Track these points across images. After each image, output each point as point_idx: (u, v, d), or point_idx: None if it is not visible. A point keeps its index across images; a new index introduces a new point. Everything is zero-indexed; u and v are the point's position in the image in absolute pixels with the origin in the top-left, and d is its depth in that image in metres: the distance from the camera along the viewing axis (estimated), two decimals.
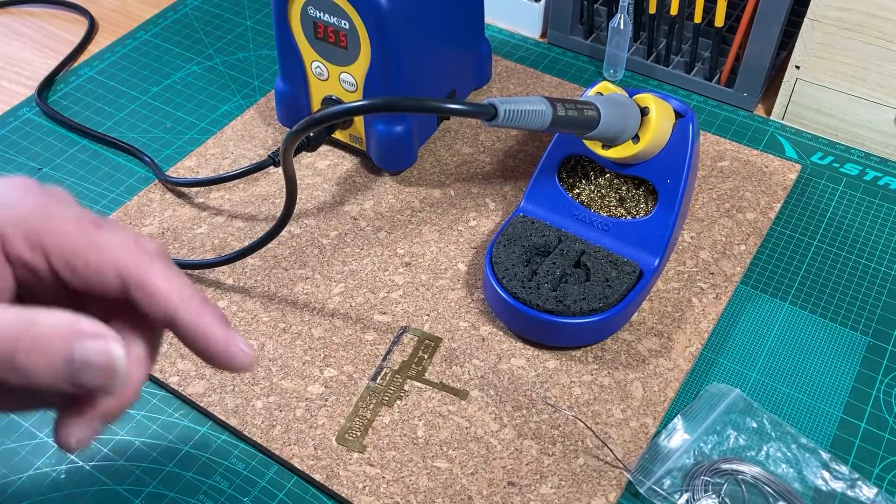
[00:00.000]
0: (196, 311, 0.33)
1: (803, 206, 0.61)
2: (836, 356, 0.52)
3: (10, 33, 0.79)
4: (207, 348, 0.34)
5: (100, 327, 0.31)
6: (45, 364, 0.30)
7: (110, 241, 0.33)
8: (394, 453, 0.46)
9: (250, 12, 0.80)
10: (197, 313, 0.33)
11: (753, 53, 0.66)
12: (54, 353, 0.30)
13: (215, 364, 0.34)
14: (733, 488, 0.45)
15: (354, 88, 0.59)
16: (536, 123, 0.46)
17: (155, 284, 0.33)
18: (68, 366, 0.30)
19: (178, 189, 0.62)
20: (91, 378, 0.31)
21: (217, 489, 0.46)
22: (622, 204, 0.55)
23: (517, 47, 0.75)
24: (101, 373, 0.31)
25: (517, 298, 0.50)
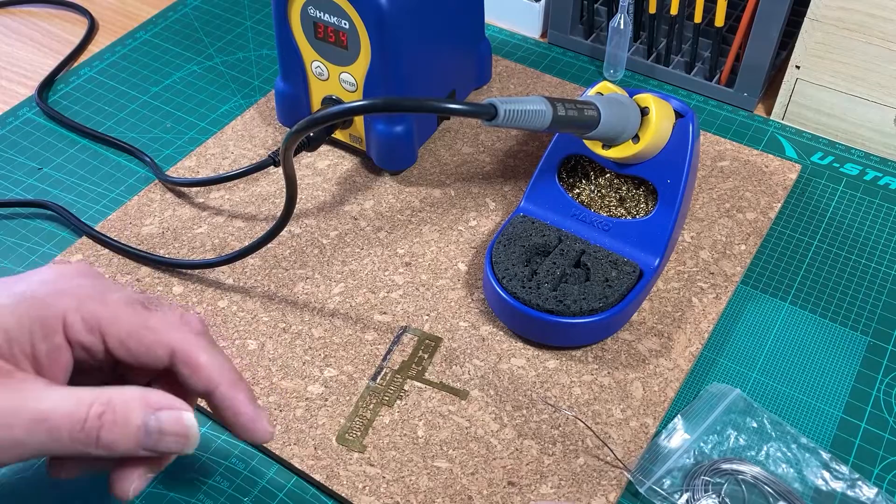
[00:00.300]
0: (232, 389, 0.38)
1: (803, 206, 0.61)
2: (836, 356, 0.52)
3: (10, 33, 0.79)
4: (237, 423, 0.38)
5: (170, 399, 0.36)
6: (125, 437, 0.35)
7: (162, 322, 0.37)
8: (394, 453, 0.46)
9: (250, 12, 0.80)
10: (233, 391, 0.38)
11: (753, 53, 0.66)
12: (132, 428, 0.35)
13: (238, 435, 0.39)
14: (733, 488, 0.45)
15: (354, 88, 0.59)
16: (536, 123, 0.46)
17: (200, 362, 0.37)
18: (146, 437, 0.35)
19: (178, 189, 0.62)
20: (167, 445, 0.36)
21: (217, 489, 0.46)
22: (622, 204, 0.55)
23: (517, 47, 0.75)
24: (177, 439, 0.36)
25: (517, 298, 0.50)
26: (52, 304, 0.36)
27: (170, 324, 0.37)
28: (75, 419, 0.34)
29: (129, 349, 0.37)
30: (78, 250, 0.58)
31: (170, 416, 0.36)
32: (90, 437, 0.34)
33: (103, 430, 0.34)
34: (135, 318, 0.37)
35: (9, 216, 0.61)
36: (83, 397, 0.35)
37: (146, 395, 0.36)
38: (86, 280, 0.37)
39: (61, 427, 0.34)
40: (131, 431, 0.35)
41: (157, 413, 0.36)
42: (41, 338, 0.35)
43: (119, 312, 0.36)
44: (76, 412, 0.34)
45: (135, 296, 0.38)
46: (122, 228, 0.59)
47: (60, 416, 0.34)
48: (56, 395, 0.35)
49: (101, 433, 0.34)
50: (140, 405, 0.35)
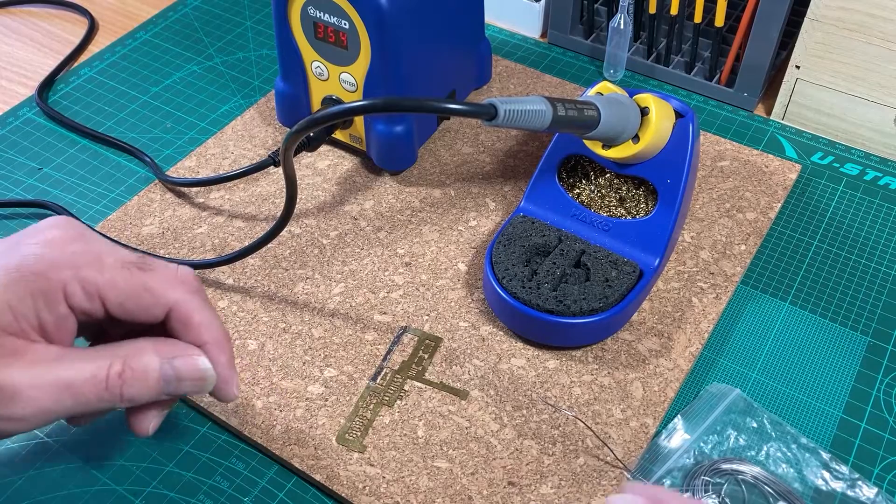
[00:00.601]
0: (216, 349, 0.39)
1: (803, 206, 0.61)
2: (836, 356, 0.52)
3: (10, 33, 0.79)
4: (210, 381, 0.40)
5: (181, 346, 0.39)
6: (146, 389, 0.38)
7: (159, 283, 0.38)
8: (394, 453, 0.46)
9: (250, 12, 0.80)
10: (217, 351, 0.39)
11: (753, 53, 0.66)
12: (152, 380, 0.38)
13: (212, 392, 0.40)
14: (733, 488, 0.45)
15: (354, 88, 0.59)
16: (536, 123, 0.46)
17: (193, 321, 0.39)
18: (166, 385, 0.38)
19: (178, 189, 0.62)
20: (186, 388, 0.39)
21: (217, 489, 0.46)
22: (622, 204, 0.55)
23: (517, 47, 0.75)
24: (195, 382, 0.39)
25: (517, 298, 0.50)
26: (52, 276, 0.36)
27: (167, 283, 0.38)
28: (98, 381, 0.36)
29: (127, 310, 0.38)
30: None
31: (185, 362, 0.38)
32: (114, 395, 0.37)
33: (125, 387, 0.37)
34: (132, 281, 0.38)
35: (9, 216, 0.61)
36: (101, 359, 0.37)
37: (158, 346, 0.38)
38: (78, 245, 0.38)
39: (86, 391, 0.36)
40: (151, 383, 0.38)
41: (171, 361, 0.38)
42: (46, 310, 0.36)
43: (116, 276, 0.37)
44: (97, 374, 0.36)
45: (129, 256, 0.39)
46: (122, 228, 0.59)
47: (84, 381, 0.36)
48: (75, 361, 0.36)
49: (124, 389, 0.37)
50: (155, 357, 0.38)
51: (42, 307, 0.36)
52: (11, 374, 0.35)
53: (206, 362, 0.39)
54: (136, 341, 0.38)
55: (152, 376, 0.38)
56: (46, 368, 0.36)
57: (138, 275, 0.38)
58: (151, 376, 0.38)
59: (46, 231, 0.38)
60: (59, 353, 0.37)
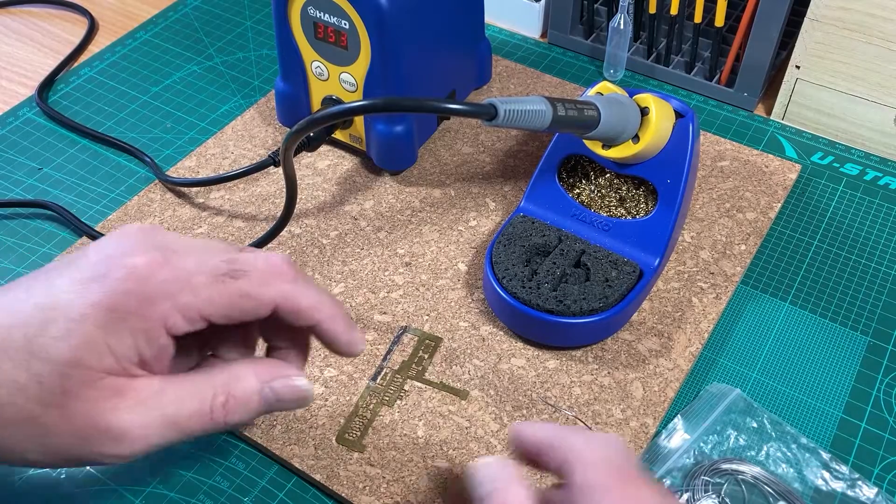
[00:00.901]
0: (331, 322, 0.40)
1: (803, 206, 0.61)
2: (836, 356, 0.52)
3: (10, 33, 0.79)
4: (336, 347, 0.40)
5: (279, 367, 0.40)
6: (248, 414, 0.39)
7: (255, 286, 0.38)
8: (394, 453, 0.46)
9: (250, 12, 0.80)
10: (332, 323, 0.40)
11: (753, 53, 0.66)
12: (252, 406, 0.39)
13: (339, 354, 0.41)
14: (733, 488, 0.45)
15: (354, 88, 0.59)
16: (536, 123, 0.46)
17: (301, 308, 0.39)
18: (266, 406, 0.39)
19: (178, 189, 0.62)
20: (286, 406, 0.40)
21: (217, 489, 0.46)
22: (622, 204, 0.55)
23: (517, 47, 0.75)
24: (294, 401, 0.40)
25: (517, 298, 0.50)
26: (150, 313, 0.36)
27: (263, 284, 0.38)
28: (203, 414, 0.37)
29: (231, 318, 0.38)
30: (78, 250, 0.58)
31: (283, 384, 0.39)
32: (218, 424, 0.38)
33: (228, 415, 0.38)
34: (228, 292, 0.37)
35: (9, 216, 0.61)
36: (203, 391, 0.37)
37: (257, 369, 0.39)
38: (167, 271, 0.37)
39: (191, 424, 0.37)
40: (253, 407, 0.39)
41: (271, 385, 0.39)
42: (146, 346, 0.36)
43: (212, 293, 0.37)
44: (201, 409, 0.37)
45: (218, 266, 0.38)
46: None
47: (189, 416, 0.37)
48: (176, 394, 0.37)
49: (227, 418, 0.38)
50: (255, 383, 0.38)
51: (143, 344, 0.36)
52: (119, 417, 0.36)
53: (304, 381, 0.40)
54: (233, 366, 0.39)
55: (253, 400, 0.38)
56: (151, 406, 0.36)
57: (232, 285, 0.37)
58: (253, 400, 0.38)
59: (129, 259, 0.37)
60: (161, 386, 0.37)
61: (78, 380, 0.35)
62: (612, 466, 0.35)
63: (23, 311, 0.36)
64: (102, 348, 0.35)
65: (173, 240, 0.39)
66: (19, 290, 0.37)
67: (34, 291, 0.37)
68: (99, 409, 0.36)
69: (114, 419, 0.36)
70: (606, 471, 0.35)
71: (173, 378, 0.38)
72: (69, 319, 0.35)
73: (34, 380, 0.35)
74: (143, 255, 0.37)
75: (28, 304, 0.36)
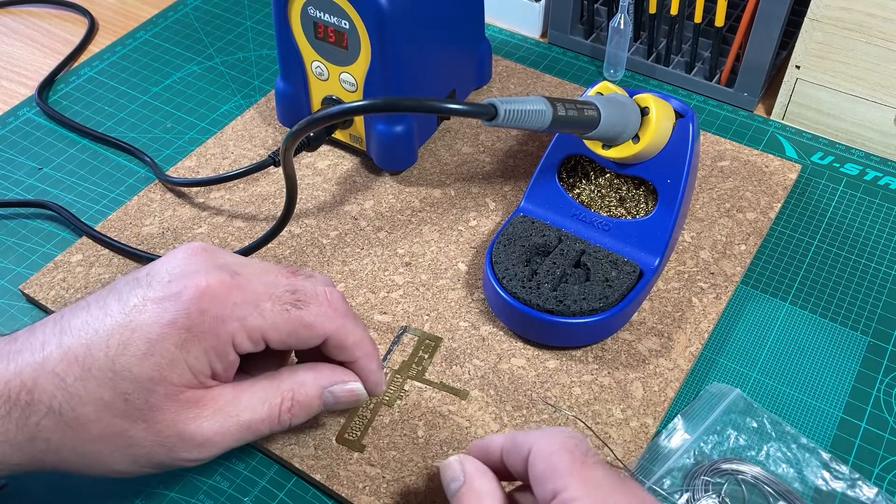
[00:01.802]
0: (368, 360, 0.44)
1: (803, 206, 0.61)
2: (836, 356, 0.52)
3: (10, 33, 0.79)
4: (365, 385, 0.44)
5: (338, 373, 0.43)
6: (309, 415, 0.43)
7: (315, 318, 0.41)
8: (394, 453, 0.46)
9: (250, 12, 0.80)
10: (368, 361, 0.44)
11: (753, 53, 0.66)
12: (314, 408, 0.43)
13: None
14: (733, 488, 0.45)
15: (354, 88, 0.59)
16: (536, 123, 0.46)
17: (347, 345, 0.43)
18: (325, 407, 0.43)
19: (178, 189, 0.62)
20: (342, 406, 0.44)
21: (217, 489, 0.46)
22: (622, 204, 0.55)
23: (517, 47, 0.75)
24: (350, 402, 0.44)
25: (517, 298, 0.50)
26: (221, 333, 0.39)
27: (322, 317, 0.41)
28: (272, 418, 0.41)
29: (288, 344, 0.41)
30: (78, 250, 0.58)
31: (342, 388, 0.43)
32: (283, 425, 0.42)
33: (294, 418, 0.42)
34: (291, 320, 0.41)
35: (9, 216, 0.61)
36: (272, 397, 0.41)
37: (318, 376, 0.43)
38: (237, 294, 0.40)
39: (262, 427, 0.41)
40: (314, 409, 0.43)
41: (331, 389, 0.43)
42: (218, 361, 0.40)
43: (277, 319, 0.40)
44: (271, 414, 0.41)
45: (284, 296, 0.41)
46: (122, 228, 0.59)
47: (260, 421, 0.41)
48: (249, 401, 0.41)
49: (292, 420, 0.42)
50: (317, 389, 0.43)
51: (215, 359, 0.39)
52: (200, 426, 0.39)
53: (359, 386, 0.44)
54: (297, 372, 0.43)
55: (315, 404, 0.43)
56: (228, 414, 0.40)
57: (296, 314, 0.41)
58: (314, 404, 0.43)
59: (201, 280, 0.39)
60: (234, 394, 0.41)
61: (162, 395, 0.39)
62: (571, 453, 0.37)
63: (102, 330, 0.39)
64: (181, 365, 0.39)
65: (234, 261, 0.42)
66: (93, 309, 0.40)
67: (110, 310, 0.39)
68: (182, 419, 0.39)
69: (196, 428, 0.39)
70: (567, 457, 0.36)
71: (243, 385, 0.42)
72: (149, 339, 0.38)
73: (120, 397, 0.38)
74: (212, 275, 0.40)
75: (107, 324, 0.39)
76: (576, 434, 0.39)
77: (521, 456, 0.38)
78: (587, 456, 0.37)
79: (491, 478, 0.39)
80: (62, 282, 0.55)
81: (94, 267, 0.56)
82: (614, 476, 0.37)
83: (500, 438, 0.40)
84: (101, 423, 0.38)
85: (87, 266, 0.56)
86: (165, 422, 0.39)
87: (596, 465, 0.37)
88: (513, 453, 0.39)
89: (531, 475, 0.37)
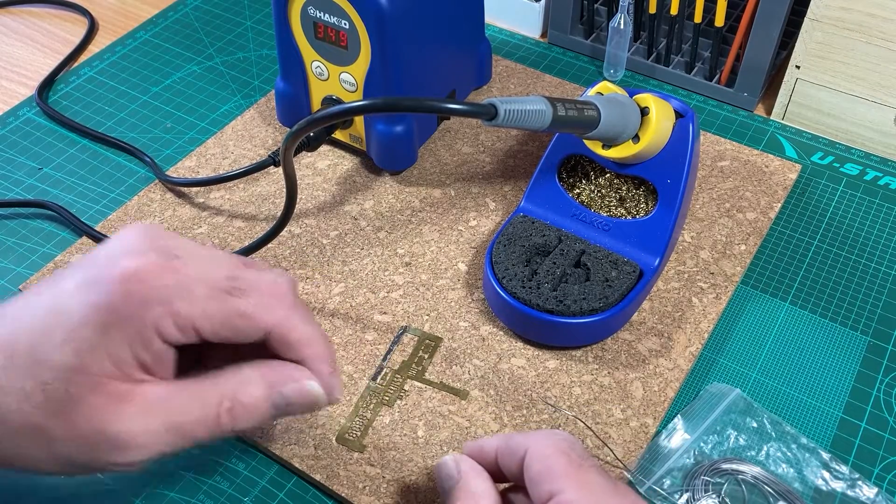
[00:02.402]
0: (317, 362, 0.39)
1: (803, 206, 0.61)
2: (836, 356, 0.52)
3: (10, 33, 0.79)
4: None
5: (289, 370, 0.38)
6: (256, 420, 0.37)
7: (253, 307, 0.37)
8: (394, 453, 0.46)
9: (250, 12, 0.80)
10: (318, 363, 0.39)
11: (753, 53, 0.66)
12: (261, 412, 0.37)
13: None
14: (733, 488, 0.45)
15: (354, 88, 0.59)
16: (537, 123, 0.46)
17: (291, 340, 0.38)
18: (276, 411, 0.38)
19: (178, 189, 0.62)
20: (297, 410, 0.39)
21: (217, 489, 0.46)
22: (622, 204, 0.55)
23: (517, 47, 0.75)
24: (305, 405, 0.38)
25: (517, 298, 0.50)
26: (143, 316, 0.35)
27: (262, 307, 0.37)
28: (208, 420, 0.36)
29: (223, 337, 0.37)
30: (78, 250, 0.58)
31: (294, 388, 0.38)
32: (225, 430, 0.37)
33: (236, 422, 0.37)
34: (226, 309, 0.36)
35: (9, 216, 0.61)
36: (208, 397, 0.36)
37: (265, 373, 0.38)
38: (168, 277, 0.36)
39: (197, 431, 0.36)
40: (261, 413, 0.37)
41: (280, 390, 0.38)
42: (142, 350, 0.36)
43: (209, 307, 0.36)
44: (207, 415, 0.36)
45: (221, 281, 0.37)
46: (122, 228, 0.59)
47: (194, 423, 0.36)
48: (182, 401, 0.36)
49: (235, 424, 0.37)
50: (263, 389, 0.37)
51: (139, 349, 0.35)
52: (123, 424, 0.35)
53: (316, 386, 0.38)
54: (242, 370, 0.38)
55: (262, 406, 0.37)
56: (157, 413, 0.36)
57: (232, 302, 0.37)
58: (261, 407, 0.37)
59: (127, 260, 0.36)
60: (166, 392, 0.36)
61: (82, 386, 0.35)
62: (567, 455, 0.37)
63: (31, 316, 0.36)
64: (102, 353, 0.35)
65: (180, 244, 0.38)
66: (30, 295, 0.37)
67: (43, 296, 0.36)
68: (103, 415, 0.35)
69: (119, 426, 0.35)
70: (564, 459, 0.36)
71: (180, 384, 0.37)
72: (71, 324, 0.35)
73: (39, 387, 0.35)
74: (141, 256, 0.36)
75: (37, 308, 0.36)
76: (571, 437, 0.39)
77: (517, 457, 0.38)
78: (583, 459, 0.37)
79: (486, 477, 0.39)
80: None
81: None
82: (609, 480, 0.37)
83: (494, 440, 0.40)
84: (21, 414, 0.35)
85: None
86: (85, 417, 0.35)
87: (592, 468, 0.37)
88: (508, 454, 0.39)
89: (527, 476, 0.37)
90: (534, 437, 0.38)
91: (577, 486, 0.35)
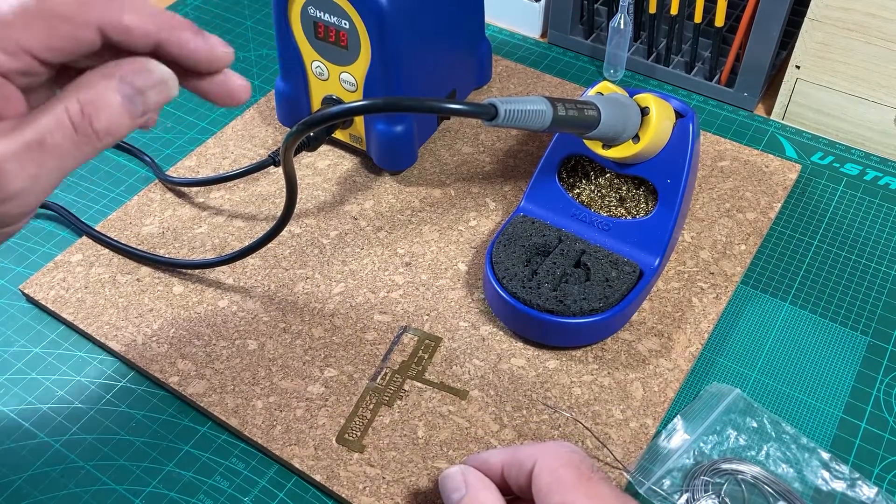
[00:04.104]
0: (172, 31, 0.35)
1: (803, 206, 0.61)
2: (836, 356, 0.52)
3: None
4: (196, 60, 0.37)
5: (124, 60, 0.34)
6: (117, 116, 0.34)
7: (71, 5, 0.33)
8: (394, 453, 0.46)
9: (250, 12, 0.80)
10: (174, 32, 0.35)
11: (753, 53, 0.66)
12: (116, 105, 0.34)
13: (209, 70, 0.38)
14: (733, 488, 0.45)
15: (354, 88, 0.59)
16: (537, 123, 0.46)
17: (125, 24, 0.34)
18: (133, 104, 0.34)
19: (178, 189, 0.62)
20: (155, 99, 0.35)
21: (217, 489, 0.46)
22: (622, 204, 0.55)
23: (517, 47, 0.75)
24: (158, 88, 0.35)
25: (517, 298, 0.50)
26: None
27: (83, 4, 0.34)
28: (65, 127, 0.33)
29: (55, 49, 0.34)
30: (78, 250, 0.58)
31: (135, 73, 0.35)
32: (89, 135, 0.34)
33: (94, 122, 0.34)
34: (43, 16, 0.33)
35: None
36: (56, 106, 0.33)
37: (104, 70, 0.34)
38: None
39: (59, 141, 0.33)
40: (117, 108, 0.34)
41: (123, 79, 0.34)
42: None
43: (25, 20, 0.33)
44: (61, 121, 0.33)
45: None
46: (122, 228, 0.59)
47: (52, 133, 0.33)
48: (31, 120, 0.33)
49: (94, 125, 0.34)
50: (104, 80, 0.34)
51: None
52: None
53: (156, 63, 0.35)
54: (85, 76, 0.34)
55: (113, 100, 0.34)
56: (11, 137, 0.33)
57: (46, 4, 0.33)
58: (112, 100, 0.34)
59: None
60: (16, 122, 0.33)
61: None
62: (577, 468, 0.37)
63: None
64: None
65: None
66: None
67: None
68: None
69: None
70: (573, 471, 0.37)
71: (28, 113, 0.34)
72: None
73: None
74: None
75: None
76: (579, 450, 0.39)
77: (525, 470, 0.38)
78: (592, 472, 0.37)
79: (493, 489, 0.39)
80: (62, 282, 0.55)
81: (94, 267, 0.56)
82: (618, 493, 0.37)
83: (499, 453, 0.40)
84: None
85: (87, 266, 0.57)
86: None
87: (601, 481, 0.37)
88: (515, 467, 0.39)
89: (535, 488, 0.37)
90: (542, 450, 0.38)
91: (587, 498, 0.36)
